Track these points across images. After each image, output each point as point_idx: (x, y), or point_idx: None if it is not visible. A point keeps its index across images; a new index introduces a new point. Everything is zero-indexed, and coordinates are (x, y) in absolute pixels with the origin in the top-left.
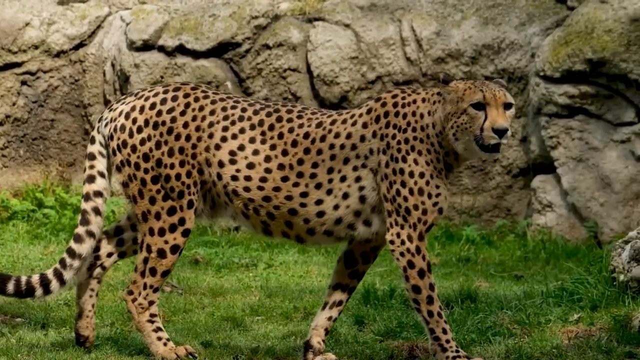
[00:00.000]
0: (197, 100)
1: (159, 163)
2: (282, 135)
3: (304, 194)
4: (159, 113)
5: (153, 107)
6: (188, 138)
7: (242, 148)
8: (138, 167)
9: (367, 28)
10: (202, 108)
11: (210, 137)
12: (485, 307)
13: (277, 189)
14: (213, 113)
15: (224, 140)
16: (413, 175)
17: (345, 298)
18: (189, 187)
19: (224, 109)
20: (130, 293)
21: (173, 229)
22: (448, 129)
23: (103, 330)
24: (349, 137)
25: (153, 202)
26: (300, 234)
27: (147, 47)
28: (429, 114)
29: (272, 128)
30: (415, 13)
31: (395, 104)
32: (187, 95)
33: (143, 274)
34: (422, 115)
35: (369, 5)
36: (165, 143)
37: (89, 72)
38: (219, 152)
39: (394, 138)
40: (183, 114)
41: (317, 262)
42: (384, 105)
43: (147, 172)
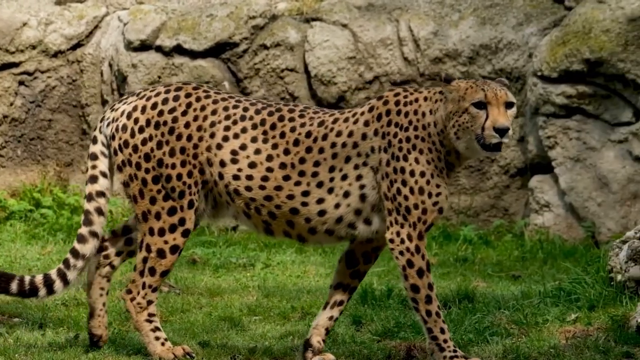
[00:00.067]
0: (198, 100)
1: (160, 163)
2: (284, 134)
3: (306, 193)
4: (161, 113)
5: (155, 107)
6: (189, 138)
7: (243, 147)
8: (139, 167)
9: (364, 28)
10: (203, 108)
11: (212, 136)
12: (483, 307)
13: (278, 188)
14: (215, 112)
15: (226, 140)
16: (414, 174)
17: (346, 298)
18: (190, 187)
19: (226, 109)
20: (129, 292)
21: (173, 229)
22: (449, 128)
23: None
24: (351, 135)
25: (153, 202)
26: (302, 233)
27: (144, 47)
28: (431, 113)
29: (274, 127)
30: (413, 13)
31: (398, 102)
32: (188, 95)
33: (142, 274)
34: (423, 114)
35: (367, 5)
36: (167, 143)
37: (87, 72)
38: (221, 151)
39: (396, 136)
40: (185, 114)
41: (314, 262)
42: (386, 104)
43: (148, 172)
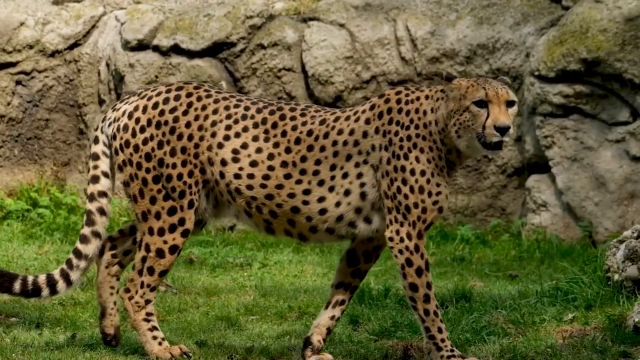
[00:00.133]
0: (199, 100)
1: (161, 162)
2: (285, 133)
3: (307, 192)
4: (162, 112)
5: (156, 106)
6: (190, 137)
7: (245, 146)
8: (140, 166)
9: (361, 28)
10: (204, 107)
11: (213, 135)
12: (480, 306)
13: (280, 187)
14: (216, 112)
15: (227, 139)
16: (414, 173)
17: (348, 297)
18: (191, 187)
19: (227, 108)
20: (127, 291)
21: (172, 229)
22: (450, 127)
23: (98, 330)
24: (352, 133)
25: (154, 201)
26: (303, 232)
27: (141, 46)
28: (432, 111)
29: (275, 126)
30: (410, 13)
31: (399, 101)
32: (189, 95)
33: (141, 273)
34: (425, 113)
35: (364, 5)
36: (168, 142)
37: (84, 71)
38: (222, 150)
39: (397, 135)
40: (185, 114)
41: (311, 261)
42: (387, 102)
43: (148, 171)
